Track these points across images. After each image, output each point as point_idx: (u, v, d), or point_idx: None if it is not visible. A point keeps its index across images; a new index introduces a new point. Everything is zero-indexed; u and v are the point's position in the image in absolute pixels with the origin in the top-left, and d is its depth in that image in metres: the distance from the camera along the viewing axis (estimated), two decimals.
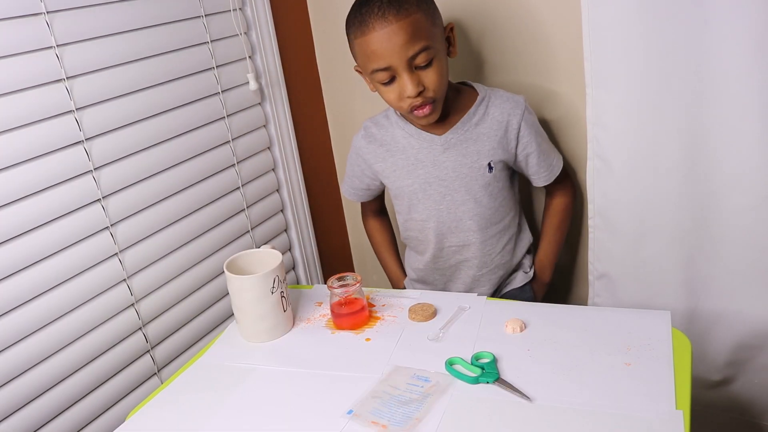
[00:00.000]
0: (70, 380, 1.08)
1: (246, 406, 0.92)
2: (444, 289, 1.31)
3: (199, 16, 1.27)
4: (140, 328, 1.20)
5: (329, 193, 1.72)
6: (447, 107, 1.19)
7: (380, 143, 1.26)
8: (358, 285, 1.08)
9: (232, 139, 1.37)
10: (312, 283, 1.64)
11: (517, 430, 0.80)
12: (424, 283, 1.34)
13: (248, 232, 1.44)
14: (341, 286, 1.07)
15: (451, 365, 0.93)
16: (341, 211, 1.77)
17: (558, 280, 1.51)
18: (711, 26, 1.04)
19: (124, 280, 1.16)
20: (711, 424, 1.32)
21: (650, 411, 0.80)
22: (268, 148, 1.49)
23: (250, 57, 1.40)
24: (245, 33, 1.38)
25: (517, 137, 1.20)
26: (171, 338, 1.27)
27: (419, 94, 1.10)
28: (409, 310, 1.09)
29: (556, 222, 1.33)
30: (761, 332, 1.19)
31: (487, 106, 1.20)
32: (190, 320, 1.31)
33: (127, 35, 1.14)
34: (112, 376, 1.15)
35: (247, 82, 1.39)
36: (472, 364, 0.93)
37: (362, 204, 1.43)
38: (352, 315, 1.08)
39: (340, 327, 1.08)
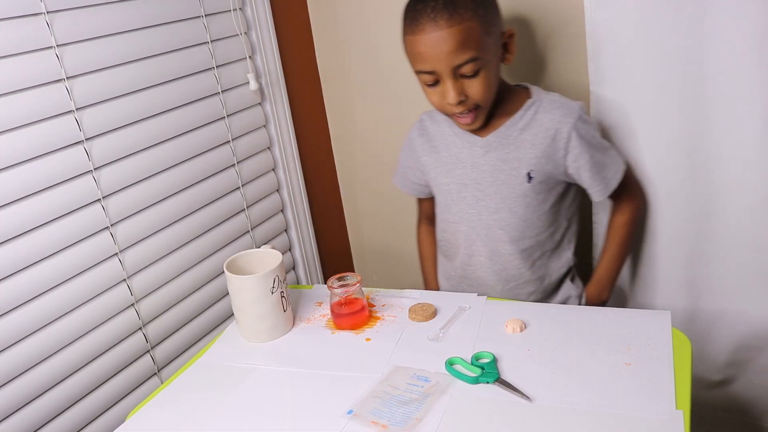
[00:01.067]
0: (70, 380, 1.08)
1: (246, 406, 0.92)
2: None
3: (199, 16, 1.27)
4: (140, 328, 1.20)
5: (329, 193, 1.72)
6: (495, 108, 1.13)
7: (430, 137, 1.22)
8: (358, 285, 1.08)
9: (232, 139, 1.37)
10: (312, 283, 1.64)
11: (517, 430, 0.80)
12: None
13: (248, 232, 1.44)
14: (341, 286, 1.07)
15: (451, 365, 0.93)
16: (341, 211, 1.77)
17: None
18: (712, 26, 1.04)
19: (124, 280, 1.16)
20: (711, 424, 1.32)
21: (650, 411, 0.80)
22: (268, 148, 1.49)
23: (250, 57, 1.40)
24: (245, 33, 1.38)
25: (567, 147, 1.10)
26: (171, 338, 1.27)
27: (460, 102, 1.06)
28: (409, 310, 1.09)
29: (617, 238, 1.20)
30: (761, 332, 1.19)
31: (536, 111, 1.12)
32: (190, 320, 1.31)
33: (127, 35, 1.14)
34: (112, 376, 1.15)
35: (247, 82, 1.39)
36: (472, 364, 0.93)
37: (418, 206, 1.37)
38: (352, 315, 1.08)
39: (340, 327, 1.08)
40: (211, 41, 1.30)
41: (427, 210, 1.34)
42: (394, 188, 1.65)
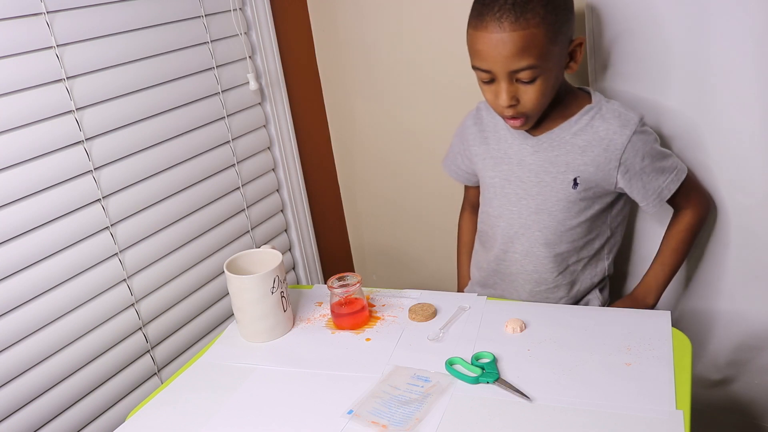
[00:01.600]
0: (70, 380, 1.08)
1: (246, 406, 0.92)
2: (504, 296, 1.22)
3: (199, 16, 1.27)
4: (140, 328, 1.20)
5: (329, 193, 1.72)
6: (552, 110, 1.10)
7: (483, 128, 1.20)
8: (358, 285, 1.08)
9: (232, 139, 1.37)
10: (312, 283, 1.64)
11: (517, 430, 0.80)
12: (484, 286, 1.25)
13: (248, 232, 1.44)
14: (341, 286, 1.07)
15: (451, 365, 0.93)
16: (341, 211, 1.77)
17: None
18: (712, 26, 1.04)
19: (124, 280, 1.16)
20: (711, 424, 1.32)
21: (650, 411, 0.80)
22: (268, 148, 1.49)
23: (250, 57, 1.40)
24: (245, 33, 1.38)
25: (620, 160, 1.07)
26: (171, 338, 1.27)
27: (511, 106, 1.03)
28: (409, 310, 1.09)
29: (673, 244, 1.15)
30: (761, 332, 1.19)
31: (592, 117, 1.09)
32: (190, 320, 1.31)
33: (127, 35, 1.14)
34: (112, 376, 1.15)
35: (247, 82, 1.39)
36: (472, 364, 0.93)
37: (465, 192, 1.35)
38: (352, 315, 1.08)
39: (340, 327, 1.08)
40: (211, 41, 1.30)
41: (472, 197, 1.32)
42: (393, 188, 1.66)
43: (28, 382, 1.02)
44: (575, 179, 1.09)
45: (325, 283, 1.10)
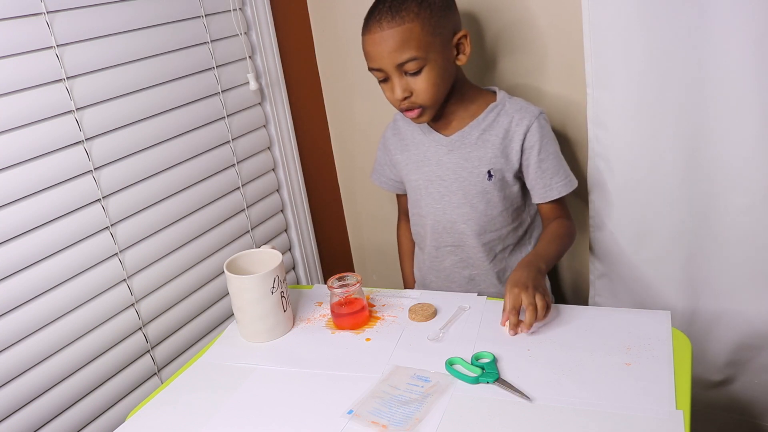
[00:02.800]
0: (70, 380, 1.08)
1: (246, 406, 0.92)
2: (442, 291, 1.28)
3: (199, 16, 1.27)
4: (140, 328, 1.20)
5: (329, 193, 1.72)
6: (460, 110, 1.21)
7: (402, 136, 1.29)
8: (358, 285, 1.08)
9: (232, 139, 1.37)
10: (312, 283, 1.64)
11: (517, 430, 0.80)
12: (424, 286, 1.34)
13: (248, 232, 1.44)
14: (341, 286, 1.07)
15: (451, 365, 0.93)
16: (341, 211, 1.77)
17: (559, 280, 1.52)
18: (711, 26, 1.04)
19: (124, 280, 1.16)
20: (711, 424, 1.32)
21: (650, 411, 0.80)
22: (268, 148, 1.49)
23: (250, 57, 1.40)
24: (245, 33, 1.38)
25: (521, 147, 1.18)
26: (171, 338, 1.27)
27: (405, 98, 1.13)
28: (409, 310, 1.09)
29: (550, 233, 1.19)
30: (761, 332, 1.19)
31: (498, 113, 1.19)
32: (190, 320, 1.31)
33: (127, 35, 1.14)
34: (112, 376, 1.15)
35: (247, 82, 1.39)
36: (472, 364, 0.93)
37: (398, 203, 1.45)
38: (352, 315, 1.08)
39: (340, 327, 1.08)
40: (211, 41, 1.30)
41: (404, 206, 1.40)
42: None
43: (28, 382, 1.02)
44: (489, 171, 1.19)
45: (325, 283, 1.10)
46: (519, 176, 1.21)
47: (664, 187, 1.20)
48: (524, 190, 1.24)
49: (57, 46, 1.03)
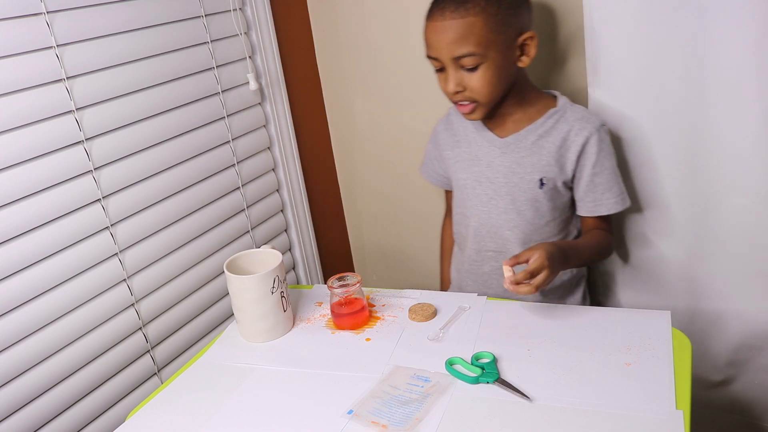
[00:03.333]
0: (70, 380, 1.08)
1: (246, 406, 0.92)
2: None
3: (199, 16, 1.27)
4: (140, 328, 1.20)
5: (329, 193, 1.72)
6: (519, 112, 1.16)
7: (454, 131, 1.24)
8: (358, 285, 1.08)
9: (232, 139, 1.37)
10: (312, 283, 1.64)
11: (517, 430, 0.80)
12: (460, 289, 1.29)
13: (248, 232, 1.44)
14: (341, 286, 1.07)
15: (451, 365, 0.93)
16: (341, 211, 1.77)
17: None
18: (711, 26, 1.04)
19: (124, 280, 1.16)
20: (711, 424, 1.32)
21: (650, 411, 0.80)
22: (268, 148, 1.49)
23: (250, 57, 1.40)
24: (245, 33, 1.38)
25: (577, 158, 1.12)
26: (171, 338, 1.27)
27: (457, 92, 1.09)
28: (409, 310, 1.09)
29: (594, 240, 1.15)
30: (761, 332, 1.19)
31: (557, 120, 1.14)
32: (190, 320, 1.31)
33: (127, 35, 1.14)
34: (112, 376, 1.15)
35: (247, 82, 1.39)
36: (472, 364, 0.93)
37: (445, 199, 1.40)
38: (352, 315, 1.08)
39: (340, 327, 1.08)
40: (211, 41, 1.30)
41: (451, 203, 1.34)
42: (393, 188, 1.66)
43: (28, 382, 1.02)
44: (541, 179, 1.14)
45: (325, 283, 1.10)
46: (571, 187, 1.16)
47: (664, 187, 1.20)
48: (574, 202, 1.18)
49: (57, 46, 1.03)
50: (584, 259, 1.14)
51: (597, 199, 1.14)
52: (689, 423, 0.78)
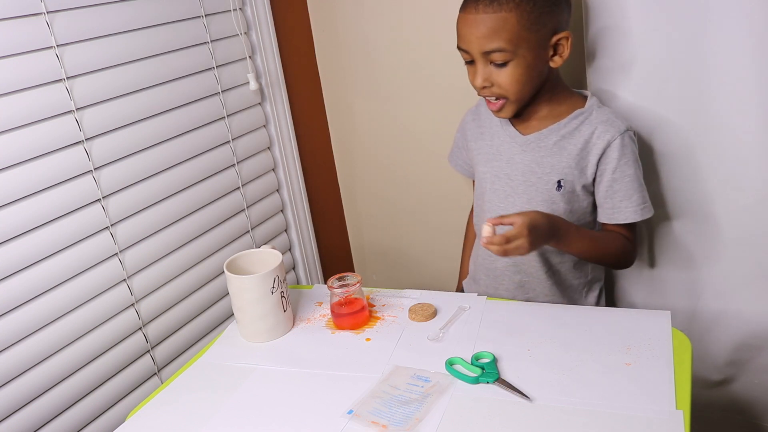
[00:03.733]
0: (70, 380, 1.08)
1: (246, 406, 0.92)
2: (490, 293, 1.22)
3: (199, 16, 1.27)
4: (140, 328, 1.20)
5: (329, 194, 1.72)
6: (545, 110, 1.13)
7: (481, 123, 1.22)
8: (358, 285, 1.08)
9: (232, 139, 1.37)
10: (312, 283, 1.64)
11: (517, 430, 0.80)
12: (475, 281, 1.28)
13: (248, 232, 1.44)
14: (341, 286, 1.07)
15: (451, 365, 0.93)
16: (341, 211, 1.77)
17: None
18: (711, 27, 1.04)
19: (124, 280, 1.16)
20: (711, 424, 1.32)
21: (650, 411, 0.80)
22: (268, 148, 1.49)
23: (250, 57, 1.40)
24: (245, 33, 1.38)
25: (598, 162, 1.09)
26: (171, 338, 1.27)
27: (484, 87, 1.08)
28: (409, 310, 1.09)
29: (602, 236, 1.12)
30: (761, 332, 1.19)
31: (581, 122, 1.10)
32: (190, 320, 1.31)
33: (127, 35, 1.14)
34: (112, 376, 1.15)
35: (247, 82, 1.39)
36: (472, 364, 0.92)
37: (474, 189, 1.35)
38: (352, 315, 1.08)
39: (340, 327, 1.08)
40: (211, 41, 1.30)
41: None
42: (393, 188, 1.66)
43: (28, 382, 1.02)
44: (559, 182, 1.11)
45: (325, 283, 1.10)
46: (592, 191, 1.13)
47: (665, 187, 1.20)
48: (595, 206, 1.15)
49: (57, 46, 1.03)
50: (585, 250, 1.10)
51: (615, 206, 1.10)
52: (689, 423, 0.78)
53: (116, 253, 1.14)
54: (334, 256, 1.74)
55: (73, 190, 1.07)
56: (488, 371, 0.90)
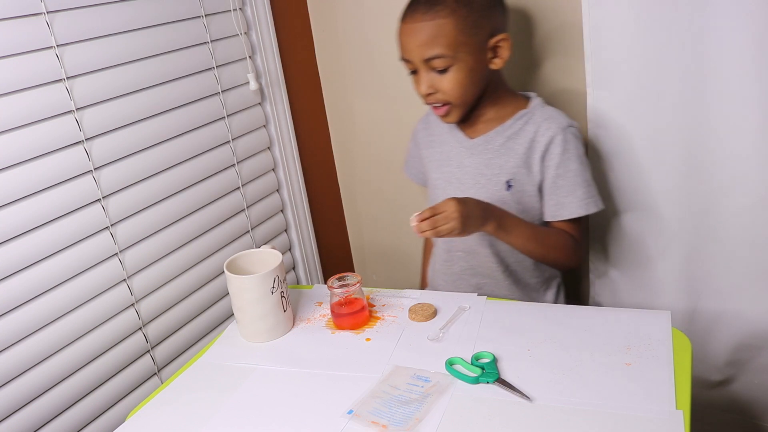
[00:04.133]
0: (70, 380, 1.08)
1: (246, 406, 0.92)
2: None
3: (199, 16, 1.27)
4: (140, 328, 1.20)
5: (329, 194, 1.72)
6: (490, 113, 1.16)
7: (431, 131, 1.26)
8: (358, 285, 1.08)
9: (232, 139, 1.37)
10: (312, 283, 1.64)
11: (517, 430, 0.80)
12: (434, 288, 1.30)
13: (248, 232, 1.44)
14: (341, 286, 1.07)
15: (451, 365, 0.93)
16: (341, 211, 1.77)
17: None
18: (711, 26, 1.04)
19: (124, 280, 1.16)
20: (711, 424, 1.32)
21: (650, 411, 0.80)
22: (268, 148, 1.49)
23: (250, 57, 1.40)
24: (245, 33, 1.38)
25: (541, 159, 1.11)
26: (171, 338, 1.27)
27: (429, 95, 1.10)
28: (409, 310, 1.09)
29: (544, 231, 1.13)
30: (761, 332, 1.19)
31: (525, 122, 1.13)
32: (190, 320, 1.31)
33: (127, 35, 1.14)
34: (112, 376, 1.15)
35: (247, 82, 1.39)
36: (472, 364, 0.93)
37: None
38: (352, 315, 1.08)
39: (340, 327, 1.08)
40: (211, 41, 1.30)
41: None
42: (393, 188, 1.66)
43: (28, 382, 1.02)
44: (508, 182, 1.13)
45: (325, 283, 1.10)
46: (539, 186, 1.15)
47: (664, 187, 1.20)
48: None
49: (57, 46, 1.03)
50: (528, 239, 1.09)
51: (559, 202, 1.11)
52: (689, 423, 0.78)
53: (116, 253, 1.14)
54: (334, 256, 1.74)
55: (73, 190, 1.07)
56: (488, 371, 0.90)
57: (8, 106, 0.97)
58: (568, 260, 1.16)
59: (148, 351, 1.22)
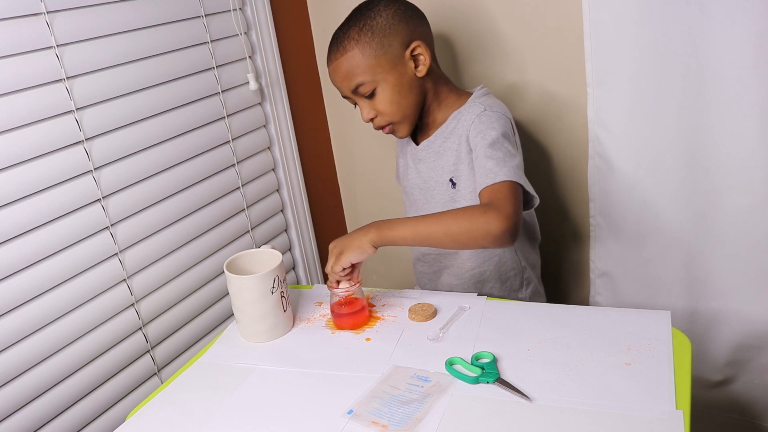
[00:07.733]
0: (70, 380, 1.08)
1: (246, 406, 0.92)
2: (432, 287, 1.30)
3: (199, 16, 1.27)
4: (140, 328, 1.20)
5: (329, 193, 1.72)
6: (439, 117, 1.18)
7: (401, 142, 1.30)
8: (358, 285, 1.08)
9: (232, 139, 1.37)
10: (312, 283, 1.64)
11: (517, 430, 0.80)
12: (421, 286, 1.34)
13: (248, 232, 1.44)
14: (341, 286, 1.07)
15: (451, 365, 0.93)
16: (341, 212, 1.77)
17: (559, 279, 1.52)
18: (711, 26, 1.04)
19: (124, 280, 1.16)
20: (711, 424, 1.32)
21: (650, 411, 0.80)
22: (268, 148, 1.49)
23: (250, 57, 1.40)
24: (245, 33, 1.38)
25: (468, 151, 1.12)
26: (171, 338, 1.27)
27: (371, 119, 1.15)
28: (409, 310, 1.09)
29: (446, 211, 1.04)
30: (761, 332, 1.19)
31: (458, 119, 1.15)
32: (190, 320, 1.31)
33: (127, 35, 1.14)
34: (112, 376, 1.15)
35: (247, 82, 1.39)
36: (472, 364, 0.92)
37: None
38: (352, 315, 1.08)
39: (340, 327, 1.08)
40: (211, 41, 1.30)
41: None
42: (393, 188, 1.66)
43: (28, 382, 1.02)
44: (451, 179, 1.16)
45: (325, 283, 1.10)
46: None
47: (664, 187, 1.20)
48: None
49: (57, 46, 1.03)
50: (426, 226, 1.04)
51: (485, 168, 1.04)
52: (689, 423, 0.78)
53: (116, 253, 1.14)
54: None
55: (73, 190, 1.07)
56: (488, 371, 0.90)
57: (8, 106, 0.97)
58: (485, 234, 0.99)
59: (148, 351, 1.22)
